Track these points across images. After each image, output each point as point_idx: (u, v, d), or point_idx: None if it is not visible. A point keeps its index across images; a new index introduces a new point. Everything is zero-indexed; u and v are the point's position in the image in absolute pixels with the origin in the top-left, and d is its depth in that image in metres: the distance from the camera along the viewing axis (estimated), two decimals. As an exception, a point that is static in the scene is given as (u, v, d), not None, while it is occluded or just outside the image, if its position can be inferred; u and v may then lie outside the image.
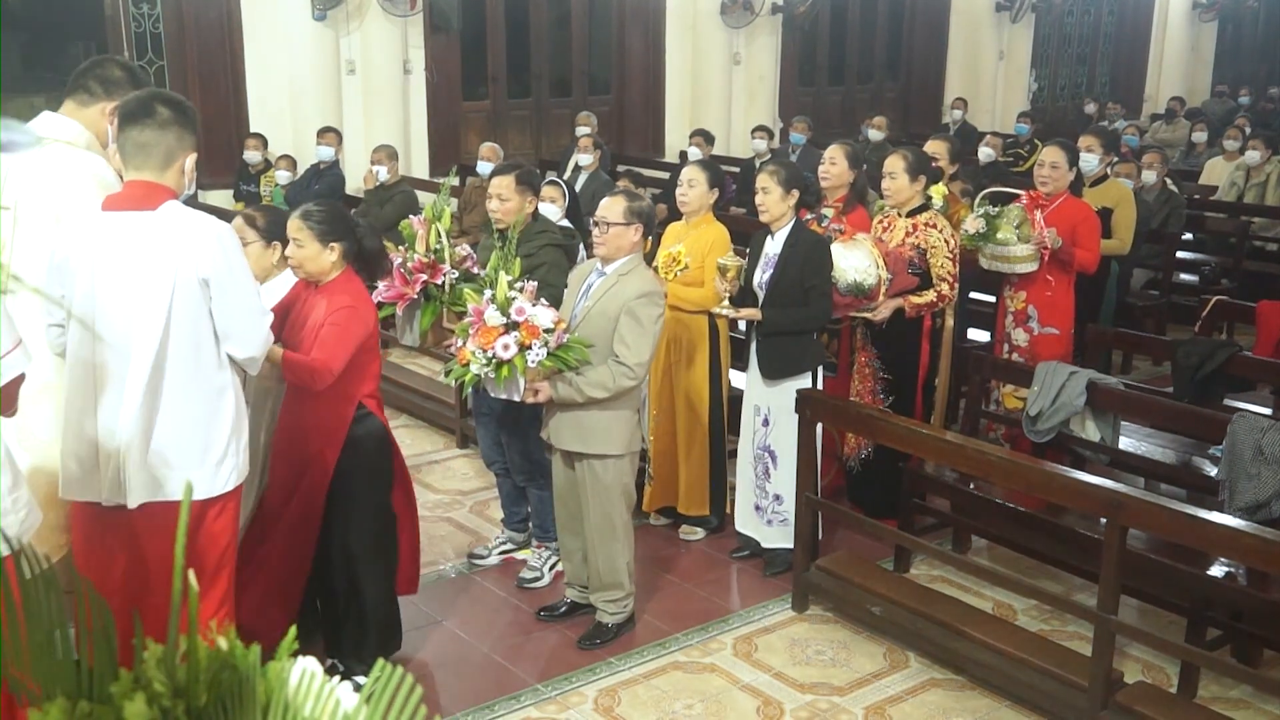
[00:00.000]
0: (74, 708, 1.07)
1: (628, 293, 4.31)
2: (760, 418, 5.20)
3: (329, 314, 3.91)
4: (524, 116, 12.88)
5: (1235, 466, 4.57)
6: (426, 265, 4.53)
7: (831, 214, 5.86)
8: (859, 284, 5.15)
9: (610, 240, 4.38)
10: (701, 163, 5.76)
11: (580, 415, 4.36)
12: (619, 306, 4.29)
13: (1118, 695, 3.96)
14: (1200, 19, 19.71)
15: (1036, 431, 5.33)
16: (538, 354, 4.13)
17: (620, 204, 4.40)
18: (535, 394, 4.30)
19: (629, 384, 4.29)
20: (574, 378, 4.27)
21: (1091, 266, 6.04)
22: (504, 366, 4.13)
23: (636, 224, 4.39)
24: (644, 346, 4.30)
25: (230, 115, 10.61)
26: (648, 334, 4.31)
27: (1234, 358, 5.64)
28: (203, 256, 3.19)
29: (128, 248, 3.17)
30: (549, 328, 4.15)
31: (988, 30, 16.53)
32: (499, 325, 4.14)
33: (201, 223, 3.24)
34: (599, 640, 4.63)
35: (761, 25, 13.79)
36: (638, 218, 4.40)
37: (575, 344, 4.25)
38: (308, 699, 1.08)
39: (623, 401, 4.38)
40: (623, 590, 4.64)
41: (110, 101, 3.46)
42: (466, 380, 4.25)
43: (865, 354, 5.62)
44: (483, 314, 4.16)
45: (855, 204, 5.98)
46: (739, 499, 5.42)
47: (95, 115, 3.50)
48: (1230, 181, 10.45)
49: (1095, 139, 7.20)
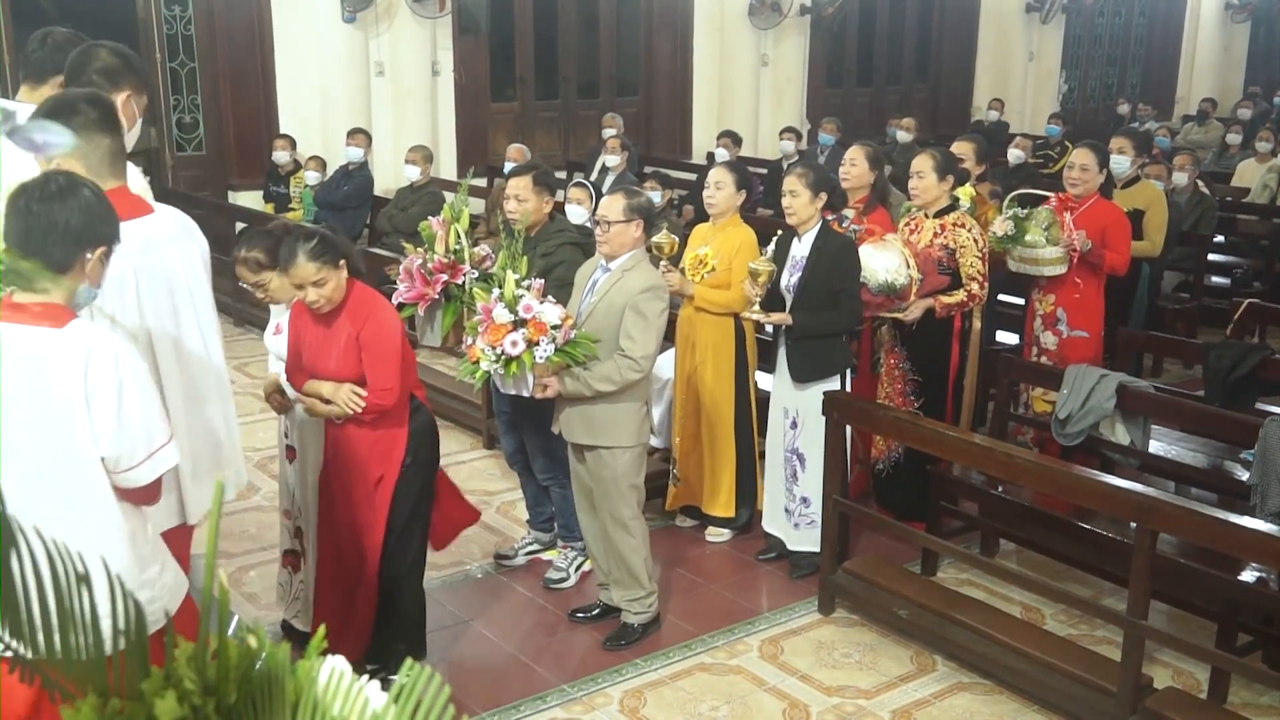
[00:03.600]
0: (105, 705, 1.08)
1: (632, 288, 4.37)
2: (789, 420, 5.19)
3: (359, 334, 3.93)
4: (552, 118, 12.91)
5: (1267, 471, 4.53)
6: (446, 266, 4.59)
7: (852, 215, 5.84)
8: (890, 284, 5.15)
9: (613, 238, 4.43)
10: (729, 164, 5.74)
11: (589, 408, 4.42)
12: (624, 301, 4.36)
13: (1147, 700, 3.93)
14: (1232, 20, 19.54)
15: (1065, 435, 5.30)
16: (545, 350, 4.20)
17: (620, 201, 4.44)
18: (545, 389, 4.36)
19: (635, 376, 4.36)
20: (581, 372, 4.33)
21: (1122, 269, 6.00)
22: (512, 363, 4.20)
23: (637, 220, 4.44)
24: (649, 340, 4.36)
25: (260, 116, 10.68)
26: (652, 327, 4.38)
27: (1266, 361, 5.59)
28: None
29: None
30: (556, 324, 4.22)
31: (1017, 31, 16.44)
32: (507, 322, 4.21)
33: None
34: (625, 641, 4.64)
35: (789, 26, 13.77)
36: (637, 214, 4.45)
37: (582, 339, 4.31)
38: (336, 698, 1.08)
39: (631, 394, 4.43)
40: (643, 589, 4.65)
41: (120, 93, 3.33)
42: (477, 377, 4.32)
43: (894, 356, 5.60)
44: (491, 312, 4.22)
45: (876, 205, 5.98)
46: (768, 501, 5.42)
47: None
48: (1262, 184, 10.35)
49: (1127, 140, 7.15)
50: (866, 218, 5.83)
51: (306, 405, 4.05)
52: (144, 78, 3.54)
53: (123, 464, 2.63)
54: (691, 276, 5.34)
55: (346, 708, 1.08)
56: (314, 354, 4.00)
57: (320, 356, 3.98)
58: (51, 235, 2.55)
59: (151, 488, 2.72)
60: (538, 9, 12.48)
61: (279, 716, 1.08)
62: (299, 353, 4.04)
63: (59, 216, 2.54)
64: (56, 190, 2.55)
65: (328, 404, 3.95)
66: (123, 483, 2.66)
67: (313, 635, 1.11)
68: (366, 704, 1.08)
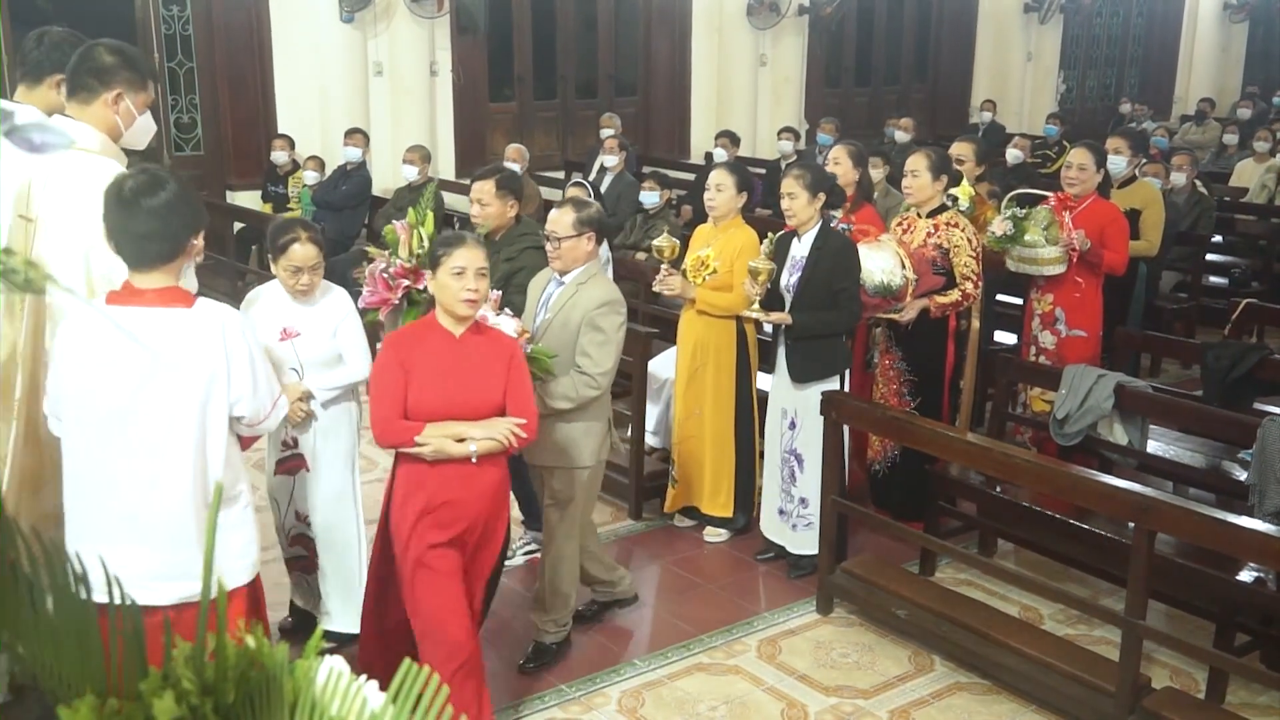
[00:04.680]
0: (103, 705, 1.08)
1: (588, 302, 4.25)
2: (787, 421, 5.19)
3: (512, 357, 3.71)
4: (550, 118, 12.90)
5: (1265, 471, 4.54)
6: (409, 270, 4.40)
7: (839, 214, 5.84)
8: (886, 285, 5.14)
9: (564, 253, 4.31)
10: (729, 165, 5.70)
11: (552, 430, 4.29)
12: (580, 317, 4.24)
13: (1145, 700, 3.93)
14: (1230, 20, 19.55)
15: (1064, 435, 5.30)
16: None
17: (568, 215, 4.32)
18: None
19: (592, 394, 4.23)
20: (536, 389, 4.12)
21: (1120, 268, 6.00)
22: None
23: (588, 232, 4.32)
24: (606, 356, 4.23)
25: (258, 116, 10.68)
26: (610, 342, 4.24)
27: (1264, 361, 5.60)
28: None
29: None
30: (511, 337, 4.02)
31: (1015, 31, 16.45)
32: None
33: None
34: (545, 661, 4.49)
35: (788, 27, 13.77)
36: (588, 226, 4.32)
37: (539, 354, 4.19)
38: (335, 698, 1.08)
39: (592, 413, 4.33)
40: (568, 607, 4.53)
41: (110, 91, 3.35)
42: None
43: (890, 356, 5.60)
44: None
45: (862, 203, 5.99)
46: (765, 503, 5.41)
47: (100, 110, 3.38)
48: (1260, 184, 10.36)
49: (1123, 140, 7.16)
50: (854, 216, 5.84)
51: (434, 449, 3.56)
52: (143, 74, 3.47)
53: (260, 415, 3.11)
54: (693, 278, 5.33)
55: (344, 708, 1.08)
56: (457, 387, 3.57)
57: (467, 389, 3.58)
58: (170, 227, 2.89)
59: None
60: (536, 9, 12.48)
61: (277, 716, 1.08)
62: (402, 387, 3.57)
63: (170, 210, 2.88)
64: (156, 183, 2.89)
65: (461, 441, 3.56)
66: (254, 432, 3.19)
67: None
68: (364, 704, 1.08)
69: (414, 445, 3.54)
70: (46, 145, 1.41)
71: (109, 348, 2.92)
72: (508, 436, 3.56)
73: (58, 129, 1.46)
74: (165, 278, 2.94)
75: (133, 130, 3.47)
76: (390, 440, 3.58)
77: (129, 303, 2.91)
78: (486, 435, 3.55)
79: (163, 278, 2.93)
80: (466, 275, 3.56)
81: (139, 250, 2.90)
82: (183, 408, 2.94)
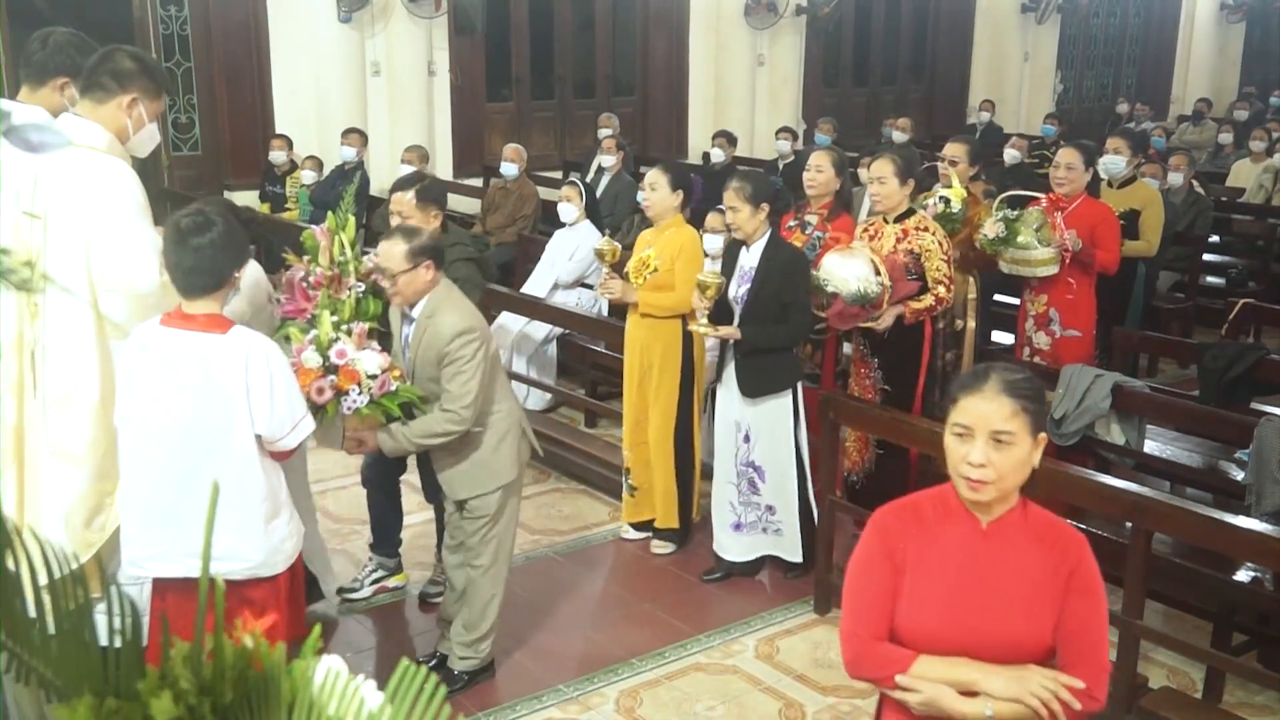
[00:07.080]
0: (101, 704, 1.08)
1: (440, 340, 3.99)
2: (740, 434, 5.10)
3: (1074, 570, 2.39)
4: (548, 118, 12.90)
5: (1262, 470, 4.54)
6: (329, 278, 4.17)
7: (815, 221, 5.78)
8: (864, 293, 4.97)
9: (403, 288, 4.00)
10: (663, 164, 5.59)
11: (457, 460, 4.16)
12: (437, 353, 4.00)
13: (1142, 700, 3.94)
14: (1227, 20, 19.56)
15: (1061, 435, 5.30)
16: (354, 401, 3.84)
17: (398, 248, 3.97)
18: (360, 444, 4.09)
19: (458, 429, 4.01)
20: (398, 429, 4.00)
21: (1112, 267, 5.99)
22: (318, 413, 3.79)
23: (424, 261, 3.99)
24: (468, 389, 3.98)
25: (256, 116, 10.68)
26: (469, 372, 3.98)
27: (1261, 361, 5.60)
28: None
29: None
30: (373, 374, 3.87)
31: (1013, 32, 16.45)
32: (316, 368, 3.82)
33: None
34: (452, 689, 4.22)
35: (785, 27, 13.78)
36: (422, 255, 3.99)
37: (404, 391, 3.99)
38: (332, 698, 1.08)
39: (495, 429, 4.18)
40: (488, 625, 4.34)
41: (126, 95, 3.42)
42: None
43: (864, 366, 5.44)
44: (301, 353, 3.85)
45: (840, 211, 5.83)
46: (715, 520, 5.29)
47: (113, 111, 3.44)
48: (1258, 184, 10.37)
49: (1123, 140, 7.15)
50: (831, 224, 5.73)
51: (925, 699, 2.38)
52: (159, 84, 3.56)
53: (277, 435, 3.37)
54: (635, 279, 5.27)
55: (342, 707, 1.08)
56: (980, 600, 2.39)
57: (992, 604, 2.39)
58: (215, 263, 3.28)
59: (293, 450, 3.53)
60: (533, 9, 12.47)
61: (275, 716, 1.09)
62: (890, 593, 2.46)
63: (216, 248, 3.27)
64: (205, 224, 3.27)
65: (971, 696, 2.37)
66: (274, 449, 3.41)
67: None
68: (362, 704, 1.08)
69: (895, 687, 2.43)
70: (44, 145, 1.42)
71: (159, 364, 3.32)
72: (1048, 704, 2.33)
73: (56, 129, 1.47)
74: (210, 304, 3.32)
75: (139, 137, 3.52)
76: (865, 670, 2.50)
77: (179, 326, 3.31)
78: (1011, 694, 2.35)
79: (207, 304, 3.31)
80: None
81: (187, 282, 3.28)
82: (213, 419, 3.32)
